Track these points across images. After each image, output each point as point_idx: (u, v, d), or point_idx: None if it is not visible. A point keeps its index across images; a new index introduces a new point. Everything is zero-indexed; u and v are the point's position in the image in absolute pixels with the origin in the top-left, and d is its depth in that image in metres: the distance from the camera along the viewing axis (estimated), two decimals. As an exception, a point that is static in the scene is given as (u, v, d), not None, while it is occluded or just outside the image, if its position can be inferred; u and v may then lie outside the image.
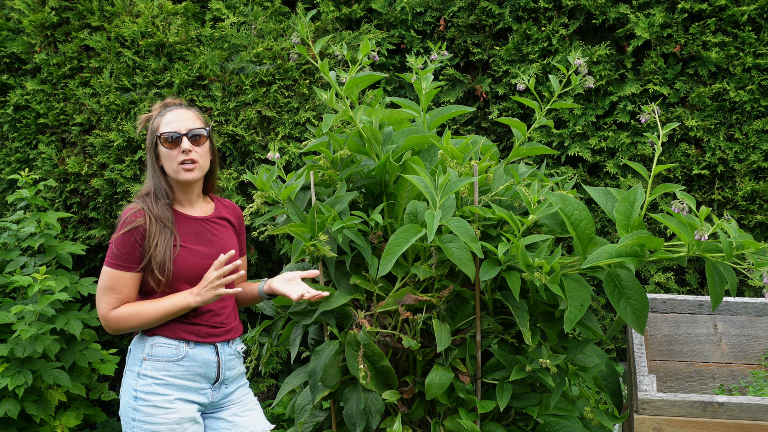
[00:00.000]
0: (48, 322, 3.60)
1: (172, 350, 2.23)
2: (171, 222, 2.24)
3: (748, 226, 3.71)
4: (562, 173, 3.85)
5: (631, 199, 2.13)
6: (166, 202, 2.26)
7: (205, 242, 2.29)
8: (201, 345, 2.26)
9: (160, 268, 2.19)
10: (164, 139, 2.24)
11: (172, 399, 2.22)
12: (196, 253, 2.25)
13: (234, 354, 2.35)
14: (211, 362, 2.27)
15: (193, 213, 2.33)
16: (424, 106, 2.62)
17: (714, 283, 2.09)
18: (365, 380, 2.25)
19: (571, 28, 3.83)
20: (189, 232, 2.28)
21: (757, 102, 3.65)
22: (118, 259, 2.20)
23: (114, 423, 4.28)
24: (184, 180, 2.25)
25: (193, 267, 2.23)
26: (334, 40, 4.00)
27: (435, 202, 2.17)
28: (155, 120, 2.30)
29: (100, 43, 4.17)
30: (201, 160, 2.27)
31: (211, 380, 2.29)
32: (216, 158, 2.38)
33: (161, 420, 2.20)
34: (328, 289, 2.42)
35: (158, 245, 2.19)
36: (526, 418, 2.47)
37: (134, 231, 2.19)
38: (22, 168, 4.40)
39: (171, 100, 2.36)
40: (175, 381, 2.23)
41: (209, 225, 2.33)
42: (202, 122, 2.31)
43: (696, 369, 2.79)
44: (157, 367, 2.23)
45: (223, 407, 2.35)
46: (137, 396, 2.22)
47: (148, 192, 2.28)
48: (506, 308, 2.38)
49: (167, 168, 2.27)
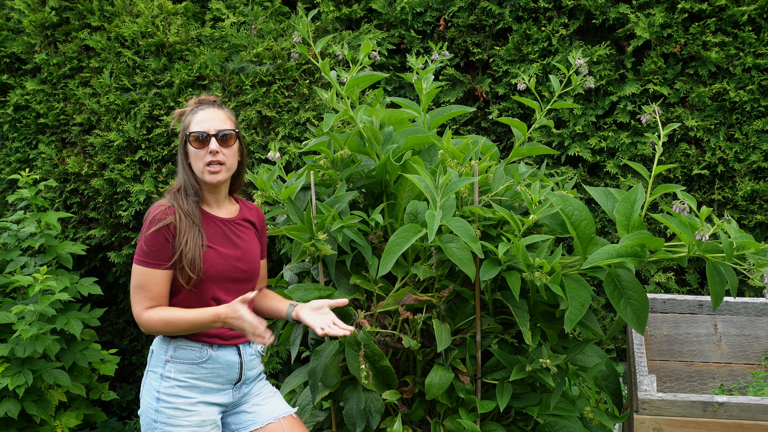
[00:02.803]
0: (48, 322, 3.60)
1: (196, 353, 2.23)
2: (199, 220, 2.23)
3: (749, 226, 3.71)
4: (562, 173, 3.85)
5: (631, 199, 2.13)
6: (195, 200, 2.26)
7: (231, 244, 2.28)
8: (224, 347, 2.26)
9: (190, 265, 2.17)
10: (193, 138, 2.24)
11: (195, 402, 2.23)
12: (222, 254, 2.24)
13: (255, 354, 2.35)
14: (233, 363, 2.28)
15: (219, 214, 2.31)
16: (424, 106, 2.62)
17: (714, 283, 2.09)
18: (366, 380, 2.25)
19: (571, 28, 3.83)
20: (215, 233, 2.27)
21: (757, 102, 3.65)
22: (148, 257, 2.19)
23: (114, 423, 4.28)
24: (210, 182, 2.25)
25: (219, 268, 2.23)
26: (334, 40, 4.00)
27: (435, 202, 2.17)
28: (187, 117, 2.30)
29: (100, 43, 4.17)
30: (228, 161, 2.26)
31: (233, 381, 2.30)
32: (244, 159, 2.36)
33: (183, 422, 2.20)
34: (329, 289, 2.42)
35: (188, 242, 2.17)
36: (526, 418, 2.47)
37: (164, 229, 2.18)
38: (22, 168, 4.40)
39: (206, 97, 2.35)
40: (199, 383, 2.23)
41: (234, 227, 2.32)
42: (232, 123, 2.30)
43: (696, 369, 2.79)
44: (180, 369, 2.22)
45: (243, 402, 2.36)
46: (159, 398, 2.22)
47: (179, 188, 2.27)
48: (506, 308, 2.38)
49: (194, 167, 2.27)
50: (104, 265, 4.46)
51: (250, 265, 2.30)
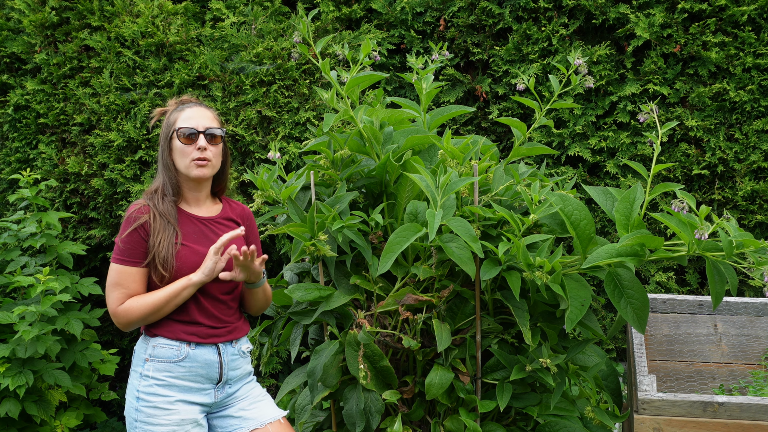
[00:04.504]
0: (49, 323, 3.60)
1: (173, 351, 2.23)
2: (174, 219, 2.25)
3: (748, 226, 3.71)
4: (562, 173, 3.85)
5: (630, 198, 2.13)
6: (173, 200, 2.28)
7: (207, 242, 2.28)
8: (202, 345, 2.26)
9: (163, 263, 2.20)
10: (181, 133, 2.26)
11: (173, 400, 2.22)
12: (197, 252, 2.25)
13: (238, 354, 2.33)
14: (212, 363, 2.27)
15: (198, 213, 2.33)
16: (424, 106, 2.62)
17: (714, 282, 2.09)
18: (365, 380, 2.25)
19: (571, 28, 3.83)
20: (191, 231, 2.28)
21: (757, 102, 3.65)
22: (124, 255, 2.22)
23: (114, 423, 4.28)
24: (195, 176, 2.27)
25: (192, 266, 2.23)
26: (334, 40, 4.00)
27: (436, 202, 2.17)
28: (172, 114, 2.32)
29: (100, 43, 4.18)
30: (214, 159, 2.29)
31: (213, 381, 2.29)
32: (228, 161, 2.39)
33: (162, 421, 2.20)
34: (329, 289, 2.42)
35: (162, 242, 2.21)
36: (526, 418, 2.47)
37: (139, 228, 2.21)
38: (22, 168, 4.40)
39: (188, 98, 2.38)
40: (177, 382, 2.23)
41: (213, 225, 2.33)
42: (218, 123, 2.33)
43: (696, 369, 2.79)
44: (158, 368, 2.23)
45: (229, 405, 2.34)
46: (139, 397, 2.22)
47: (156, 189, 2.30)
48: (506, 308, 2.38)
49: (179, 164, 2.28)
50: (104, 265, 4.46)
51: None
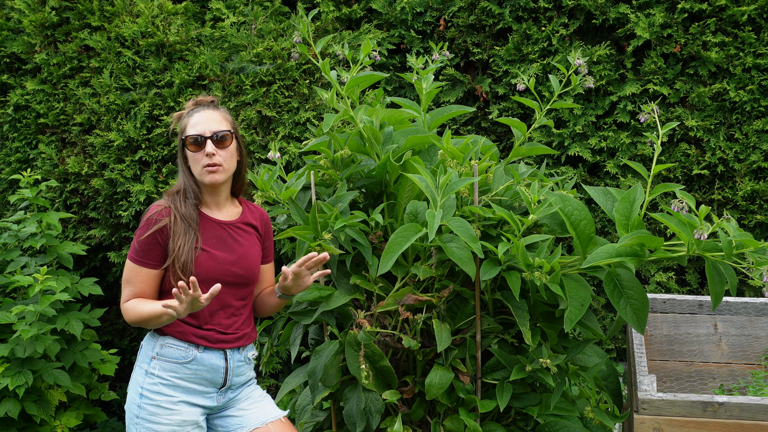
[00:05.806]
0: (48, 323, 3.60)
1: (181, 352, 2.23)
2: (195, 222, 2.23)
3: (748, 226, 3.71)
4: (562, 173, 3.85)
5: (630, 198, 2.13)
6: (194, 203, 2.26)
7: (227, 248, 2.27)
8: (210, 350, 2.26)
9: (182, 267, 2.18)
10: (189, 141, 2.24)
11: (177, 401, 2.22)
12: (216, 258, 2.24)
13: (244, 360, 2.33)
14: (218, 368, 2.27)
15: (218, 216, 2.31)
16: (424, 106, 2.62)
17: (714, 282, 2.09)
18: (366, 380, 2.25)
19: (571, 28, 3.83)
20: (211, 236, 2.26)
21: (757, 102, 3.65)
22: (138, 255, 2.21)
23: (114, 423, 4.28)
24: (209, 182, 2.25)
25: (211, 271, 2.22)
26: (334, 40, 4.00)
27: (436, 202, 2.17)
28: (184, 120, 2.30)
29: (100, 43, 4.18)
30: (225, 162, 2.26)
31: (217, 385, 2.29)
32: (244, 159, 2.35)
33: (163, 420, 2.20)
34: (329, 289, 2.42)
35: (182, 246, 2.18)
36: (526, 418, 2.47)
37: (157, 232, 2.19)
38: (22, 168, 4.40)
39: (202, 99, 2.34)
40: (182, 383, 2.23)
41: (233, 230, 2.31)
42: (228, 123, 2.29)
43: (696, 369, 2.79)
44: (165, 367, 2.22)
45: (230, 407, 2.34)
46: (143, 394, 2.22)
47: (178, 190, 2.28)
48: (506, 308, 2.38)
49: (193, 170, 2.27)
50: (104, 265, 4.46)
51: (246, 269, 2.29)
